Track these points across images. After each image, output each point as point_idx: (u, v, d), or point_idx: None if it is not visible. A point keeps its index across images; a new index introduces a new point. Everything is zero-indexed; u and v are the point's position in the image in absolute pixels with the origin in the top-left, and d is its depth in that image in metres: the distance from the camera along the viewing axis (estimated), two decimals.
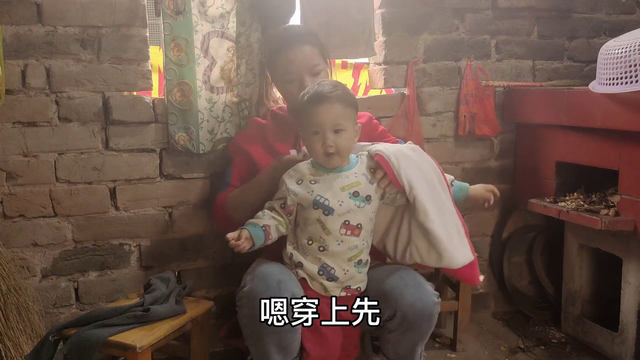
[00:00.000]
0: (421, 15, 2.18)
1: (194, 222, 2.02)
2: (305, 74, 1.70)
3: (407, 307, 1.41)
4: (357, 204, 1.48)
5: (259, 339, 1.42)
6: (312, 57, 1.72)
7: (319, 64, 1.72)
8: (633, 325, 1.92)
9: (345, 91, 1.51)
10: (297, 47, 1.71)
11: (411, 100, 2.17)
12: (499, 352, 2.10)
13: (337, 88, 1.50)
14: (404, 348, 1.51)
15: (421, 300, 1.43)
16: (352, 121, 1.51)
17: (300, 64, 1.70)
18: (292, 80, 1.72)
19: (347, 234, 1.47)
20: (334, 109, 1.46)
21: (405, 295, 1.42)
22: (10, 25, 1.77)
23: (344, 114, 1.47)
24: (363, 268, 1.53)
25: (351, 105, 1.50)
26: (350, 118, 1.50)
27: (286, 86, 1.75)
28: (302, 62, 1.70)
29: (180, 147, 1.93)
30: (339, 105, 1.46)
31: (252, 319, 1.39)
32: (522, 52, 2.34)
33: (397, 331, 1.46)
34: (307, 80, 1.68)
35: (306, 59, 1.71)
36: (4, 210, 1.85)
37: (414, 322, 1.43)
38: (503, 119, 2.32)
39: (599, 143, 1.94)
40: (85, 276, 1.96)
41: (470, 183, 2.33)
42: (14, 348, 1.67)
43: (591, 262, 2.18)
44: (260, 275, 1.43)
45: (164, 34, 1.84)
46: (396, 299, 1.42)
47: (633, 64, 1.69)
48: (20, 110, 1.82)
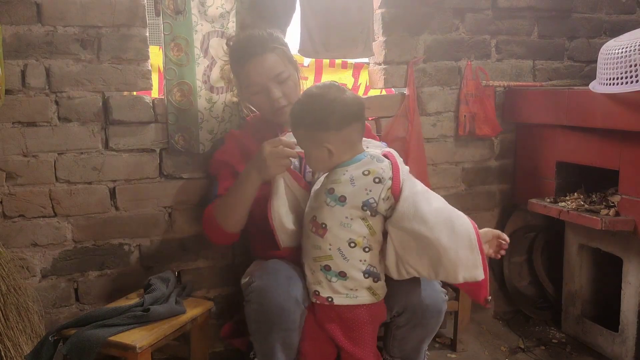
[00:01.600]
0: (421, 15, 2.18)
1: (194, 222, 2.02)
2: (270, 83, 1.63)
3: (417, 303, 1.44)
4: (328, 201, 1.40)
5: (266, 335, 1.42)
6: (275, 66, 1.63)
7: (283, 71, 1.64)
8: (633, 326, 1.92)
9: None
10: (258, 56, 1.63)
11: (411, 100, 2.17)
12: (499, 352, 2.10)
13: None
14: (410, 345, 1.51)
15: (430, 296, 1.45)
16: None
17: (263, 74, 1.63)
18: (257, 92, 1.65)
19: (312, 230, 1.43)
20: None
21: (415, 291, 1.45)
22: (10, 25, 1.77)
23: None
24: (334, 277, 1.41)
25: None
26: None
27: (252, 98, 1.69)
28: (265, 71, 1.63)
29: (180, 147, 1.93)
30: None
31: (261, 314, 1.39)
32: (522, 52, 2.34)
33: (405, 327, 1.47)
34: (273, 89, 1.62)
35: (269, 68, 1.63)
36: (4, 210, 1.85)
37: (423, 317, 1.45)
38: (503, 119, 2.32)
39: (599, 143, 1.94)
40: (85, 276, 1.96)
41: (470, 183, 2.35)
42: (14, 348, 1.67)
43: (591, 262, 2.18)
44: (270, 271, 1.44)
45: (163, 34, 1.84)
46: (406, 295, 1.44)
47: (633, 64, 1.69)
48: (20, 110, 1.82)
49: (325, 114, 1.39)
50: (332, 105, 1.39)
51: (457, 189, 2.34)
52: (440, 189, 2.32)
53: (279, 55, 1.65)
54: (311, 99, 1.43)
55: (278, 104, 1.63)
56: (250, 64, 1.63)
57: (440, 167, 2.30)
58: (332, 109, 1.39)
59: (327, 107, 1.40)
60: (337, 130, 1.40)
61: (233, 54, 1.73)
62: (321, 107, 1.40)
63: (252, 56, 1.63)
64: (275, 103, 1.63)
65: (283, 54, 1.67)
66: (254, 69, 1.63)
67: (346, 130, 1.41)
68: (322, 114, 1.40)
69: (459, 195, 2.34)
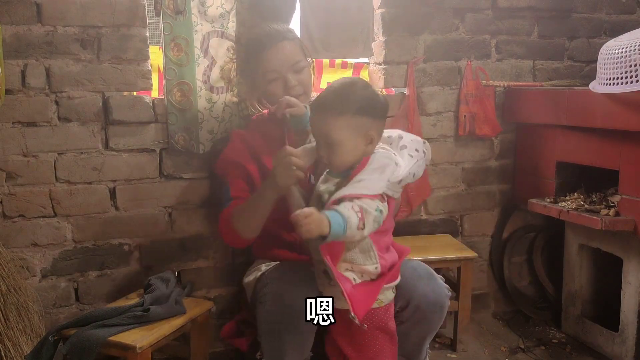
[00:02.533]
0: (421, 15, 2.18)
1: (194, 222, 2.02)
2: (287, 72, 1.62)
3: (421, 298, 1.44)
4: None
5: (278, 337, 1.40)
6: (293, 54, 1.64)
7: (300, 60, 1.64)
8: (633, 325, 1.92)
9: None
10: (276, 44, 1.63)
11: (411, 100, 2.17)
12: (499, 352, 2.10)
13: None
14: (413, 341, 1.51)
15: (434, 291, 1.46)
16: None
17: (281, 61, 1.62)
18: (274, 79, 1.63)
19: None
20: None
21: (419, 286, 1.45)
22: (10, 25, 1.77)
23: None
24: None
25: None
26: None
27: (268, 87, 1.65)
28: (283, 59, 1.62)
29: (180, 147, 1.93)
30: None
31: (275, 316, 1.38)
32: (522, 52, 2.34)
33: (408, 322, 1.47)
34: (291, 78, 1.61)
35: (287, 55, 1.63)
36: (4, 210, 1.85)
37: (426, 312, 1.45)
38: (503, 119, 2.32)
39: (599, 143, 1.94)
40: (85, 276, 1.96)
41: (470, 183, 2.35)
42: (14, 348, 1.67)
43: (591, 262, 2.18)
44: (286, 275, 1.43)
45: (164, 34, 1.84)
46: (409, 290, 1.44)
47: (633, 64, 1.69)
48: (20, 110, 1.82)
49: (375, 101, 1.37)
50: (377, 94, 1.39)
51: (457, 189, 2.34)
52: (441, 189, 2.32)
53: (297, 44, 1.67)
54: (354, 86, 1.37)
55: (294, 91, 1.61)
56: (270, 51, 1.62)
57: (440, 167, 2.30)
58: (379, 98, 1.38)
59: (375, 95, 1.38)
60: (381, 120, 1.39)
61: (251, 44, 1.70)
62: (370, 94, 1.37)
63: (272, 44, 1.62)
64: (291, 91, 1.61)
65: (300, 44, 1.69)
66: (274, 55, 1.62)
67: (384, 122, 1.40)
68: (372, 101, 1.36)
69: (459, 195, 2.34)
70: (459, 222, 2.37)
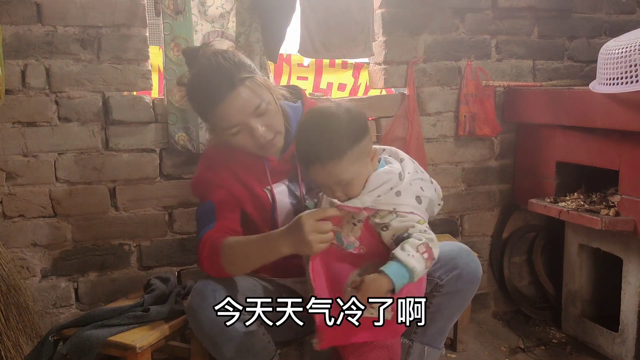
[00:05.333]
0: (421, 15, 2.18)
1: (194, 222, 2.01)
2: (249, 120, 1.39)
3: (464, 266, 1.44)
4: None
5: (219, 348, 1.38)
6: (250, 101, 1.39)
7: (259, 103, 1.40)
8: (633, 326, 1.92)
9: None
10: (228, 96, 1.38)
11: (411, 100, 2.17)
12: (499, 352, 2.10)
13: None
14: (444, 318, 1.49)
15: (474, 261, 1.47)
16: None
17: (239, 112, 1.39)
18: (237, 132, 1.41)
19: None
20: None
21: (462, 255, 1.46)
22: (10, 25, 1.77)
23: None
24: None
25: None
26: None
27: (235, 140, 1.43)
28: (241, 110, 1.39)
29: (180, 147, 1.93)
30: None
31: (198, 333, 1.38)
32: (522, 52, 2.34)
33: (445, 294, 1.44)
34: (254, 123, 1.39)
35: (244, 105, 1.39)
36: (4, 210, 1.85)
37: (466, 281, 1.45)
38: (503, 119, 2.32)
39: (599, 143, 1.94)
40: (85, 276, 1.96)
41: (470, 183, 2.35)
42: (14, 348, 1.67)
43: (591, 262, 2.18)
44: (197, 291, 1.38)
45: (164, 33, 1.84)
46: (453, 258, 1.43)
47: (633, 64, 1.69)
48: (20, 110, 1.82)
49: (357, 120, 1.31)
50: (351, 111, 1.32)
51: (457, 189, 2.34)
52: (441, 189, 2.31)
53: (251, 85, 1.40)
54: (332, 121, 1.28)
55: (264, 139, 1.42)
56: (220, 108, 1.38)
57: (440, 167, 2.30)
58: (355, 113, 1.32)
59: (351, 114, 1.31)
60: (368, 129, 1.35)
61: (195, 101, 1.45)
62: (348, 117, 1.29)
63: (221, 99, 1.38)
64: (261, 139, 1.41)
65: (254, 83, 1.41)
66: (226, 111, 1.39)
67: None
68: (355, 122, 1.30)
69: (459, 195, 2.34)
70: (458, 222, 2.37)
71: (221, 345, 1.37)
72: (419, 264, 1.24)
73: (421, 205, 1.36)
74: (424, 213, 1.37)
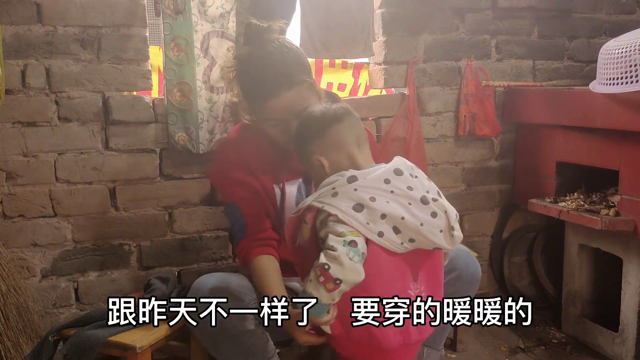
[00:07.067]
0: (421, 15, 2.18)
1: (194, 222, 2.02)
2: (290, 118, 1.42)
3: (463, 268, 1.46)
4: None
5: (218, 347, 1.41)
6: (300, 103, 1.42)
7: (308, 106, 1.41)
8: (633, 326, 1.92)
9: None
10: (283, 94, 1.41)
11: (411, 100, 2.17)
12: (499, 352, 2.10)
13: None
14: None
15: (473, 263, 1.49)
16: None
17: (286, 110, 1.42)
18: (275, 125, 1.47)
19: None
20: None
21: (460, 256, 1.47)
22: (10, 25, 1.77)
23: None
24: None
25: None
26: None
27: (268, 129, 1.50)
28: (289, 109, 1.42)
29: (180, 147, 1.93)
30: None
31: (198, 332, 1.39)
32: (522, 52, 2.34)
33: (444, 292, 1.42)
34: (294, 122, 1.41)
35: (293, 106, 1.42)
36: (4, 210, 1.85)
37: (465, 283, 1.46)
38: (503, 119, 2.32)
39: (599, 143, 1.94)
40: (85, 276, 1.96)
41: (470, 183, 2.35)
42: (14, 348, 1.67)
43: (591, 262, 2.18)
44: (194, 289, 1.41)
45: (164, 33, 1.84)
46: (452, 259, 1.43)
47: (633, 64, 1.69)
48: (20, 110, 1.82)
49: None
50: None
51: (457, 189, 2.34)
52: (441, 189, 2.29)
53: (306, 89, 1.44)
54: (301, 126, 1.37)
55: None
56: (270, 102, 1.42)
57: (440, 167, 2.30)
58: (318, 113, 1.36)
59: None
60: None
61: (247, 84, 1.50)
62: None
63: (274, 94, 1.41)
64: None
65: (309, 88, 1.45)
66: (275, 106, 1.42)
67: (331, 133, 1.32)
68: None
69: (459, 195, 2.34)
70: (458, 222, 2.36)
71: (220, 345, 1.38)
72: (316, 291, 1.13)
73: (359, 214, 1.17)
74: (363, 224, 1.17)
